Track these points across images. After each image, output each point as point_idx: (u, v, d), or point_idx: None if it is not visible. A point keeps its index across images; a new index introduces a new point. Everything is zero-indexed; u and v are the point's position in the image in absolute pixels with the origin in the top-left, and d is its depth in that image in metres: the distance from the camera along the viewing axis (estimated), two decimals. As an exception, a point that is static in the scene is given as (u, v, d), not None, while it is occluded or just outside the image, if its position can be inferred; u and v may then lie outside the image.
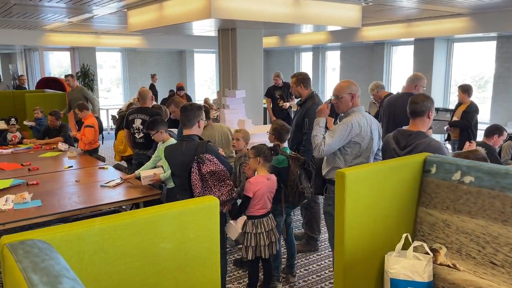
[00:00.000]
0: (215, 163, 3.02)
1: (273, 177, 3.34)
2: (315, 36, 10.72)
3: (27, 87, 11.69)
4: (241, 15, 4.92)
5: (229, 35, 6.35)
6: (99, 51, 12.42)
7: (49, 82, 10.35)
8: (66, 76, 8.47)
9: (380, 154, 3.23)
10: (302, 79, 4.28)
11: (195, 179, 3.00)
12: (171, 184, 3.74)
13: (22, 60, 13.92)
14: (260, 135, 5.21)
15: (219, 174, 3.05)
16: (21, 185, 4.15)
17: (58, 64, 13.59)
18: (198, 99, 12.61)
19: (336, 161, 3.09)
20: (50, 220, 3.48)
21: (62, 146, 5.85)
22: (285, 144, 3.69)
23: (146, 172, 3.97)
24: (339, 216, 2.16)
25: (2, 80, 12.46)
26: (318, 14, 5.53)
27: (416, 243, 2.29)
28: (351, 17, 5.91)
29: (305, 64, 12.88)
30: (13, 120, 6.49)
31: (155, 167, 4.14)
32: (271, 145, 3.48)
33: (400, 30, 8.86)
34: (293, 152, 3.65)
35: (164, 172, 3.87)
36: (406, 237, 2.36)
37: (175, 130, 5.76)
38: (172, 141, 3.98)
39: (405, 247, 2.35)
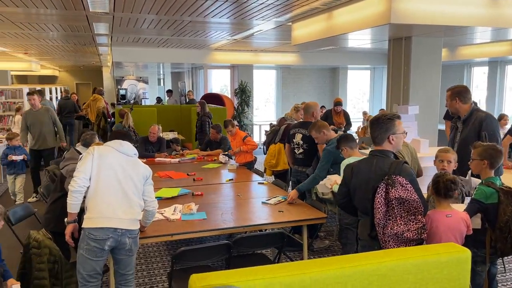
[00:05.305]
0: (408, 190, 2.43)
1: (457, 214, 2.60)
2: (495, 48, 9.16)
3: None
4: (424, 18, 4.26)
5: (402, 45, 5.69)
6: (256, 69, 12.83)
7: (211, 98, 11.06)
8: (28, 94, 6.49)
9: None
10: (457, 92, 3.70)
11: (378, 201, 2.45)
12: None
13: (189, 78, 15.31)
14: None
15: (410, 205, 2.43)
16: (187, 195, 4.17)
17: (219, 82, 14.49)
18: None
19: None
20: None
21: (222, 158, 5.92)
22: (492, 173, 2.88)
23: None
24: None
25: (173, 95, 13.85)
26: (522, 14, 4.51)
27: None
28: None
29: (477, 80, 11.20)
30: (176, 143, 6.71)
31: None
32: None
33: None
34: (506, 185, 2.81)
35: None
36: None
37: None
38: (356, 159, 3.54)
39: None
